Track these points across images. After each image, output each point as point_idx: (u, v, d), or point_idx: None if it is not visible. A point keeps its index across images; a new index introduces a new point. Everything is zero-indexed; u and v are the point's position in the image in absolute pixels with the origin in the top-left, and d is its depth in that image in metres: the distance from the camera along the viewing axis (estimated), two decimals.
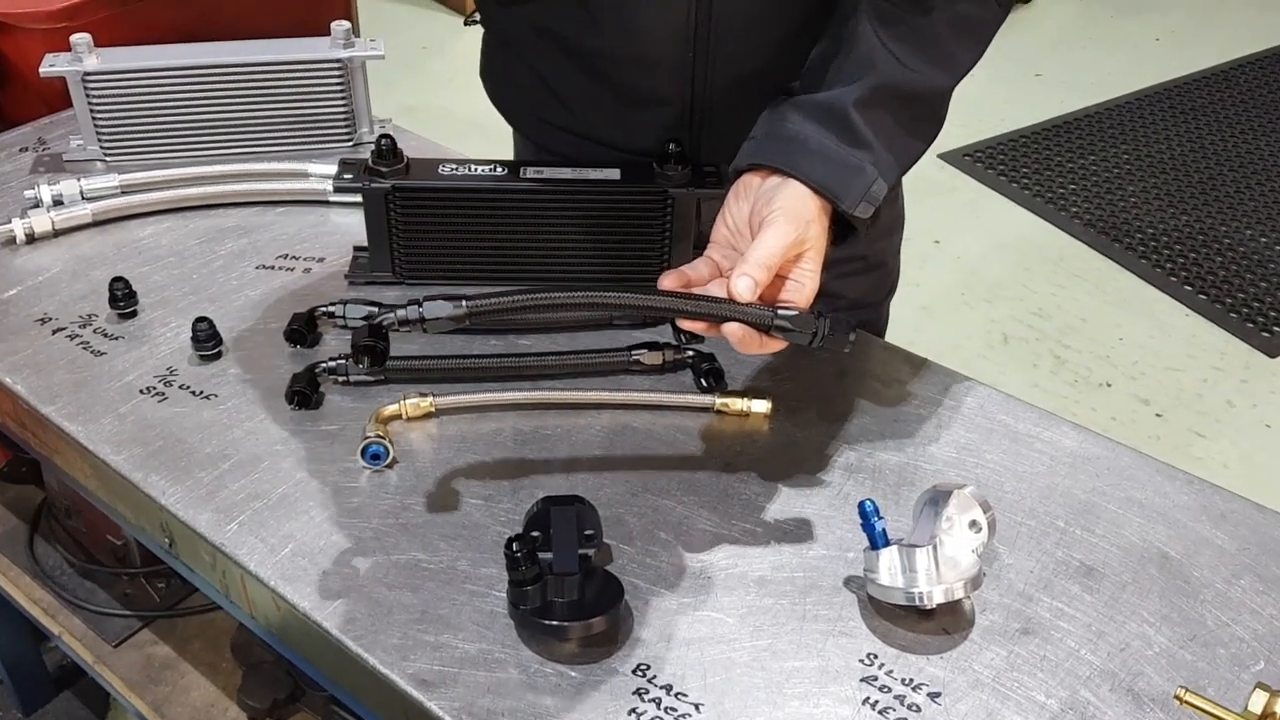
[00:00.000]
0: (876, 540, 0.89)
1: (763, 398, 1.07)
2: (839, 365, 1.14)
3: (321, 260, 1.25)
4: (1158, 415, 2.58)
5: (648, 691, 0.83)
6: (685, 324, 0.92)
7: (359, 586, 0.90)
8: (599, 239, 1.19)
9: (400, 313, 0.87)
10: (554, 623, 0.84)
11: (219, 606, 1.42)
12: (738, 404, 1.07)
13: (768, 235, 0.91)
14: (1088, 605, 0.91)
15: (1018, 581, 0.92)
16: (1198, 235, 3.15)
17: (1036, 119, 3.65)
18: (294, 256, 1.26)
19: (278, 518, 0.96)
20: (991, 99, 3.71)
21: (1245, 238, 3.14)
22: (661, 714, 0.82)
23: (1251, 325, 2.85)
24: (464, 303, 0.87)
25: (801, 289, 0.93)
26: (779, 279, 0.93)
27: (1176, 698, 0.68)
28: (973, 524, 0.90)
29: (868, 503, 0.90)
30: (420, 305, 0.87)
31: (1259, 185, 3.36)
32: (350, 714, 1.24)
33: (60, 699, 1.79)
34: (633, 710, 0.82)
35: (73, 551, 1.48)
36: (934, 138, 1.08)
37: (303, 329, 1.12)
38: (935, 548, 0.88)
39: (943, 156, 3.42)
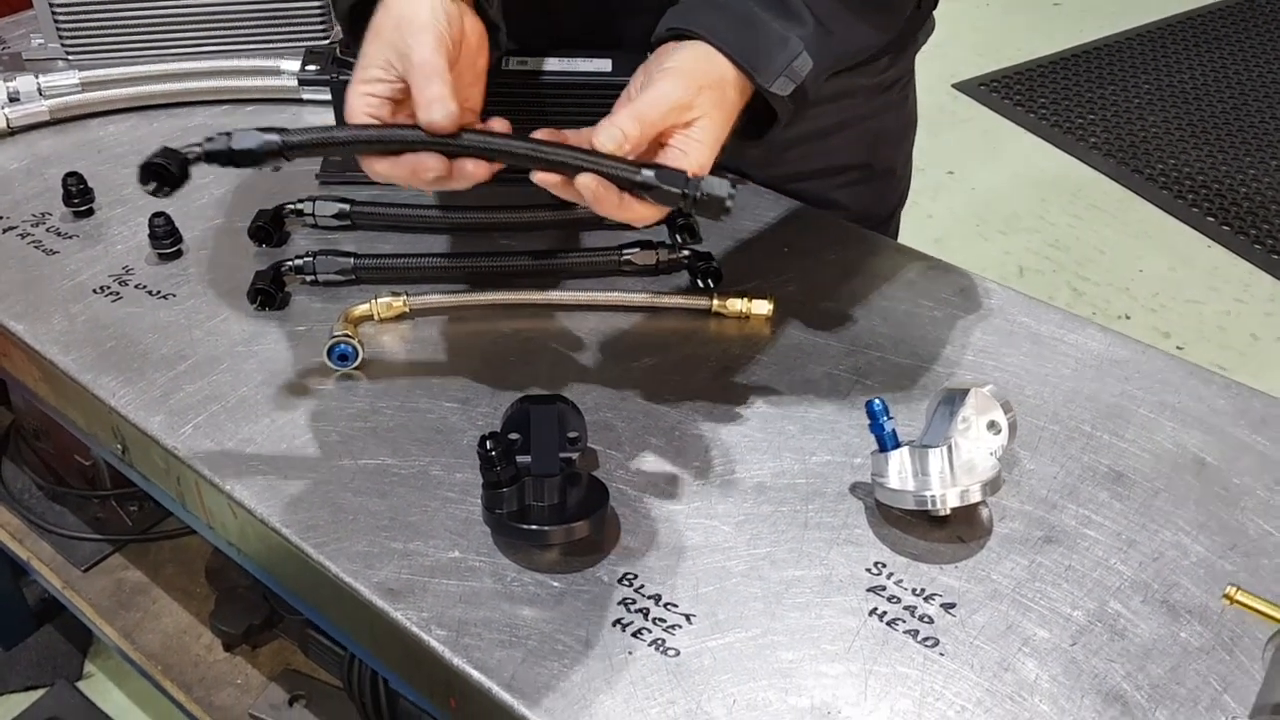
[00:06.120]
0: (885, 441, 0.82)
1: (764, 298, 0.99)
2: (846, 266, 1.06)
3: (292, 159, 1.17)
4: (1179, 348, 2.49)
5: (634, 602, 0.76)
6: (539, 178, 0.79)
7: (322, 492, 0.83)
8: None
9: (208, 144, 0.76)
10: (532, 527, 0.77)
11: (193, 530, 1.36)
12: (737, 305, 0.99)
13: (648, 91, 0.79)
14: (1117, 513, 0.83)
15: (1040, 488, 0.85)
16: (1221, 166, 3.04)
17: (1054, 48, 3.52)
18: None
19: (236, 421, 0.88)
20: (1008, 28, 3.59)
21: (1270, 168, 3.03)
22: (649, 625, 0.75)
23: (1276, 257, 2.74)
24: (279, 135, 0.76)
25: (685, 157, 0.79)
26: (659, 146, 0.80)
27: (1226, 597, 0.61)
28: (991, 425, 0.82)
29: (876, 401, 0.82)
30: (229, 135, 0.76)
31: None
32: (327, 638, 1.18)
33: (41, 633, 1.74)
34: (618, 621, 0.75)
35: (41, 474, 1.41)
36: (889, 29, 0.97)
37: (269, 226, 1.04)
38: (950, 449, 0.80)
39: (957, 86, 3.31)
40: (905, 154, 1.33)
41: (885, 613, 0.76)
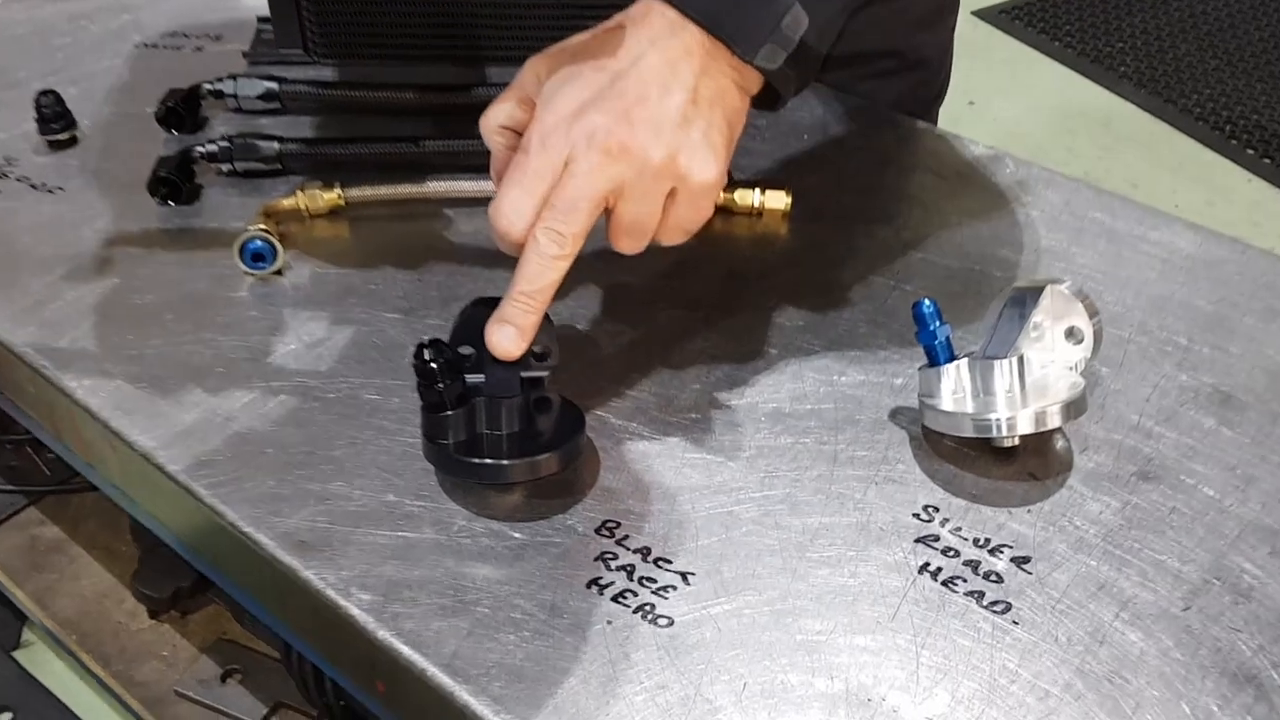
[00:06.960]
0: (937, 354, 0.64)
1: (780, 189, 0.82)
2: (877, 154, 0.88)
3: (218, 38, 0.99)
4: None
5: (616, 557, 0.59)
6: None
7: (222, 422, 0.66)
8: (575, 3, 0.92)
9: None
10: (486, 461, 0.59)
11: None
12: (747, 198, 0.82)
13: None
14: (1228, 442, 0.65)
15: (1129, 413, 0.67)
16: (1260, 96, 2.84)
17: None
18: (184, 34, 1.00)
19: (121, 334, 0.71)
20: None
21: None
22: (634, 586, 0.57)
23: None
24: None
25: None
26: None
27: None
28: (1071, 332, 0.65)
29: (926, 303, 0.64)
30: None
31: None
32: None
33: None
34: (594, 581, 0.58)
35: None
36: None
37: (181, 108, 0.87)
38: (1019, 361, 0.63)
39: (978, 14, 3.11)
40: (942, 41, 1.15)
41: (940, 569, 0.58)
